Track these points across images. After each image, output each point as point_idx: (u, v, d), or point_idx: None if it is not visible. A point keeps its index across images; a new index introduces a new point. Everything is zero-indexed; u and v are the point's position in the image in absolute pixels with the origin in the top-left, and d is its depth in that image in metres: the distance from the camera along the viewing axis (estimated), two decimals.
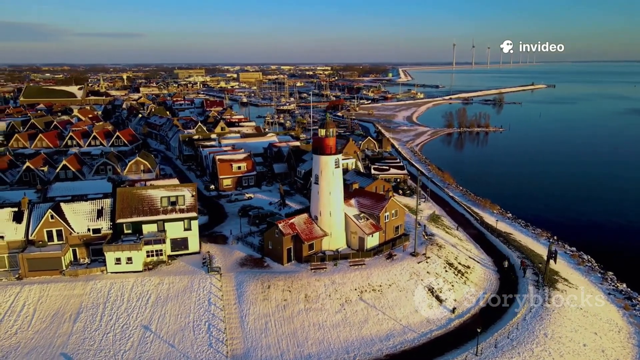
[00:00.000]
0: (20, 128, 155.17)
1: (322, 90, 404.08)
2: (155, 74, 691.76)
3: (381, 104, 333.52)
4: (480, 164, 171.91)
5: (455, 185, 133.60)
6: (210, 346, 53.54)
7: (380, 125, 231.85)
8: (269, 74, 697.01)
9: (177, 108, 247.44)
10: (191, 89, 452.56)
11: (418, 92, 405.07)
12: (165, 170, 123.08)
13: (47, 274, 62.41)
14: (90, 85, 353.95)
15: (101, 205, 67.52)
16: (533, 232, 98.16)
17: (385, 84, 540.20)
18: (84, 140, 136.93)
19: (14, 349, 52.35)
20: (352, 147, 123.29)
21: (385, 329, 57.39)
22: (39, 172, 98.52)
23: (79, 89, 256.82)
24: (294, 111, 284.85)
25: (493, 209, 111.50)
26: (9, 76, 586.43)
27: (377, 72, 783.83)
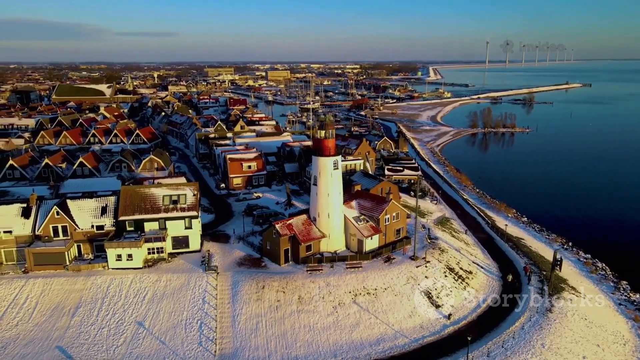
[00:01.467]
0: (49, 125, 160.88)
1: (348, 89, 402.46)
2: (186, 73, 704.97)
3: (406, 103, 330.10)
4: (502, 165, 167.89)
5: (471, 187, 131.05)
6: (199, 344, 54.23)
7: (403, 125, 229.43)
8: (297, 73, 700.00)
9: (202, 106, 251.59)
10: (219, 87, 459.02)
11: (445, 91, 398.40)
12: (180, 168, 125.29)
13: (51, 269, 64.48)
14: (121, 84, 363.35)
15: (105, 203, 69.30)
16: (547, 238, 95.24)
17: (413, 83, 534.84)
18: (105, 138, 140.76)
19: (13, 341, 54.37)
20: (365, 148, 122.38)
21: (377, 333, 56.80)
22: (57, 169, 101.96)
23: (108, 88, 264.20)
24: (318, 110, 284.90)
25: (508, 213, 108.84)
26: (48, 74, 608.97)
27: (406, 70, 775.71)
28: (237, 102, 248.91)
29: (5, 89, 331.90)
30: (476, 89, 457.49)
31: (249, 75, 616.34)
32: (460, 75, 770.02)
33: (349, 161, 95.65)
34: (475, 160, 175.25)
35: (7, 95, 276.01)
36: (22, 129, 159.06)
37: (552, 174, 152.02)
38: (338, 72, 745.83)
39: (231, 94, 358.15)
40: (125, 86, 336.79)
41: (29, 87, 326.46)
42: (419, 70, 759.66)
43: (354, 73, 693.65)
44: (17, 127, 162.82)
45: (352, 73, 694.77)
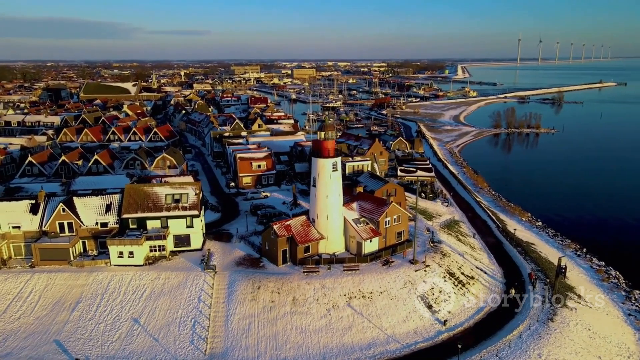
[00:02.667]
0: (73, 122, 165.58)
1: (372, 87, 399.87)
2: (214, 71, 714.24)
3: (430, 102, 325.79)
4: (522, 167, 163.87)
5: (487, 189, 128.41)
6: (191, 343, 54.93)
7: (423, 125, 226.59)
8: (323, 71, 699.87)
9: (224, 104, 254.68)
10: (244, 85, 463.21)
11: (471, 90, 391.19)
12: (194, 166, 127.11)
13: (56, 264, 66.39)
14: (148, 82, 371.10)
15: (110, 201, 70.86)
16: (560, 243, 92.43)
17: (439, 82, 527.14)
18: (125, 135, 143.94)
19: (14, 333, 56.29)
20: (377, 148, 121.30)
21: (368, 337, 56.31)
22: (73, 166, 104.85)
23: (133, 86, 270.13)
24: (339, 109, 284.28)
25: (522, 217, 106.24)
26: (81, 72, 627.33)
27: (434, 68, 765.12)
28: (258, 100, 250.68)
29: (39, 86, 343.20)
30: (503, 87, 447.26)
31: (274, 73, 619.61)
32: (490, 74, 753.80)
33: (356, 162, 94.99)
34: (495, 162, 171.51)
35: (39, 93, 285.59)
36: (48, 126, 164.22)
37: (574, 177, 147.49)
38: (364, 70, 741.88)
39: (254, 92, 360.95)
40: (150, 84, 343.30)
41: (60, 85, 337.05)
42: (446, 69, 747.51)
43: (380, 71, 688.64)
44: (43, 124, 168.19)
45: (378, 71, 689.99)
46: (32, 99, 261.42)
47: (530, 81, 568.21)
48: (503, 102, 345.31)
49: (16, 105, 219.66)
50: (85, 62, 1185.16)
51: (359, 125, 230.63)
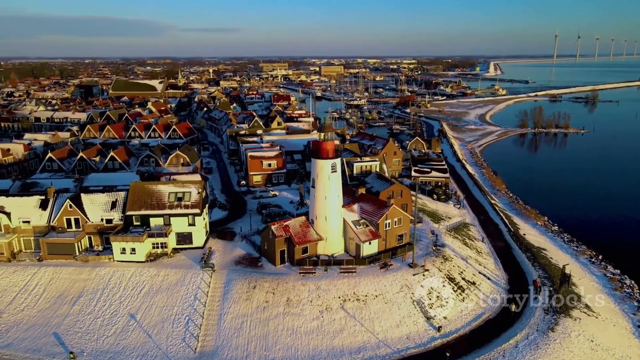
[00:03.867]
0: (98, 119, 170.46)
1: (399, 85, 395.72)
2: (244, 68, 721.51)
3: (456, 101, 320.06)
4: (546, 169, 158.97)
5: (505, 191, 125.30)
6: (183, 340, 55.73)
7: (447, 124, 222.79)
8: (351, 68, 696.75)
9: (247, 102, 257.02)
10: (271, 82, 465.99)
11: (501, 87, 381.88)
12: (210, 163, 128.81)
13: (63, 258, 68.53)
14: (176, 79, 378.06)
15: (116, 198, 72.58)
16: (574, 249, 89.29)
17: (469, 79, 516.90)
18: (145, 132, 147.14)
19: (16, 324, 58.46)
20: (392, 148, 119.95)
21: (359, 341, 55.83)
22: (91, 162, 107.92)
23: (160, 83, 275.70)
24: (363, 106, 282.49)
25: (537, 221, 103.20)
26: (115, 69, 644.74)
27: (465, 66, 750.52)
28: (281, 97, 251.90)
29: (72, 83, 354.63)
30: (535, 85, 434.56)
31: (302, 70, 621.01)
32: (523, 71, 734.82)
33: (365, 162, 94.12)
34: (518, 163, 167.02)
35: (71, 90, 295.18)
36: (75, 123, 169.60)
37: (599, 180, 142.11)
38: (393, 67, 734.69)
39: (279, 90, 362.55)
40: (177, 81, 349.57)
41: (92, 81, 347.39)
42: (477, 66, 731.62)
43: (409, 68, 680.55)
44: (70, 120, 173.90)
45: (407, 68, 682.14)
46: (65, 95, 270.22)
47: (566, 79, 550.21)
48: (533, 100, 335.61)
49: (48, 101, 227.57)
50: (121, 59, 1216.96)
51: (381, 124, 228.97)
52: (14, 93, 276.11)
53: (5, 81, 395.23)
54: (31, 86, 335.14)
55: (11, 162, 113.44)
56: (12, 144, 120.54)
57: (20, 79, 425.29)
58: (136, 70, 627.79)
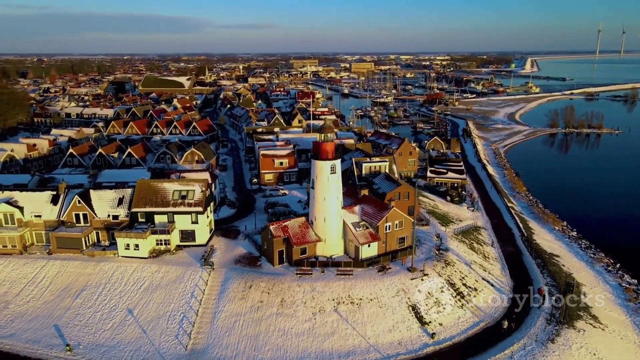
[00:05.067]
0: (124, 115, 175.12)
1: (428, 82, 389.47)
2: (275, 64, 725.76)
3: (487, 99, 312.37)
4: (572, 171, 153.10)
5: (525, 193, 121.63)
6: (176, 337, 56.67)
7: (473, 122, 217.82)
8: (383, 65, 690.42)
9: (273, 99, 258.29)
10: (300, 78, 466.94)
11: (534, 85, 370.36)
12: (226, 161, 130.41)
13: (70, 252, 70.84)
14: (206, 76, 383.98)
15: (122, 194, 74.39)
16: (590, 256, 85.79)
17: (503, 76, 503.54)
18: (167, 129, 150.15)
19: (21, 315, 60.82)
20: (407, 147, 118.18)
21: (349, 345, 55.38)
22: (109, 158, 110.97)
23: (187, 80, 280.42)
24: (389, 104, 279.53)
25: (555, 225, 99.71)
26: (149, 65, 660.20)
27: (500, 62, 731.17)
28: (306, 95, 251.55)
29: (106, 79, 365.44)
30: (572, 83, 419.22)
31: (333, 67, 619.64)
32: (562, 68, 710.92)
33: (374, 162, 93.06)
34: (543, 164, 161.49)
35: (104, 86, 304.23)
36: (102, 119, 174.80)
37: (627, 184, 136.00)
38: (426, 64, 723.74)
39: (308, 86, 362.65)
40: (204, 78, 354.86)
41: (125, 78, 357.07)
42: (512, 62, 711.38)
43: (441, 65, 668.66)
44: (98, 116, 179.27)
45: (440, 65, 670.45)
46: (98, 91, 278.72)
47: (607, 76, 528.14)
48: (569, 98, 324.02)
49: (80, 97, 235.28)
50: (158, 56, 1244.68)
51: (406, 122, 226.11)
52: (50, 89, 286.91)
53: (45, 77, 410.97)
54: (68, 82, 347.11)
55: (36, 157, 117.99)
56: (38, 139, 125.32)
57: (60, 75, 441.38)
58: (170, 67, 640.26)
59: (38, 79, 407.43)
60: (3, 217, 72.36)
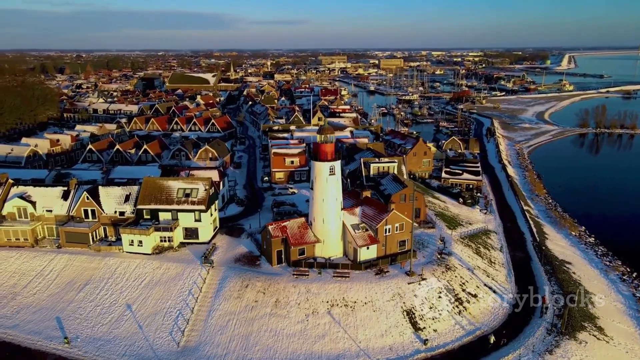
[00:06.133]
0: (148, 111, 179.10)
1: (457, 79, 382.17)
2: (305, 60, 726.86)
3: (516, 97, 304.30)
4: (599, 173, 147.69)
5: (544, 196, 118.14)
6: (170, 333, 57.64)
7: (499, 121, 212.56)
8: (413, 61, 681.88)
9: (297, 96, 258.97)
10: (328, 75, 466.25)
11: (568, 82, 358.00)
12: (242, 158, 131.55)
13: (78, 247, 72.98)
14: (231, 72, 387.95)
15: (129, 191, 76.04)
16: (606, 264, 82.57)
17: (536, 73, 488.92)
18: (186, 125, 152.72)
19: (27, 307, 63.11)
20: (422, 148, 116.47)
21: (339, 348, 55.06)
22: (126, 154, 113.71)
23: (213, 76, 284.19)
24: (414, 102, 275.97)
25: (572, 230, 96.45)
26: (181, 62, 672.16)
27: (535, 58, 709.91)
28: (329, 92, 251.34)
29: (138, 75, 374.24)
30: (609, 80, 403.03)
31: (362, 63, 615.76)
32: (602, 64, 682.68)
33: (382, 163, 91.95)
34: (569, 166, 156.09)
35: (134, 82, 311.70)
36: (127, 114, 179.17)
37: None
38: (457, 60, 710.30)
39: (334, 83, 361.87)
40: (229, 75, 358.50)
41: (154, 74, 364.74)
42: (548, 59, 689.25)
43: (473, 61, 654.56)
44: (123, 112, 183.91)
45: (472, 61, 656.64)
46: (127, 87, 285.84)
47: None
48: (604, 97, 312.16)
49: (110, 93, 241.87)
50: (191, 52, 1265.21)
51: (429, 120, 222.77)
52: (82, 85, 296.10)
53: (81, 73, 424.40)
54: (101, 78, 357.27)
55: (59, 152, 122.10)
56: (61, 135, 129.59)
57: (95, 71, 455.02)
58: (201, 63, 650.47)
59: (74, 74, 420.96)
60: (16, 211, 75.17)
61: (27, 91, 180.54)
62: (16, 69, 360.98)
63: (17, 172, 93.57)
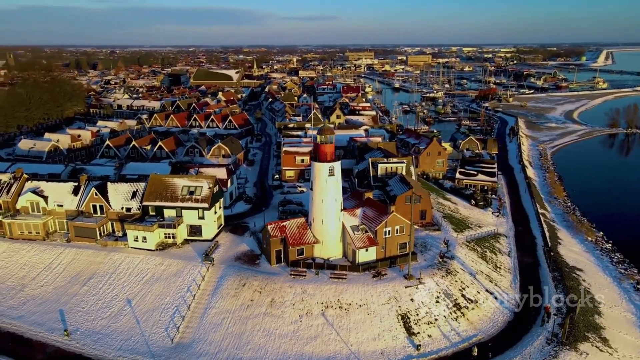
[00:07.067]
0: (169, 108, 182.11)
1: (485, 76, 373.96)
2: (332, 56, 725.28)
3: (545, 95, 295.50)
4: (627, 175, 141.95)
5: (563, 199, 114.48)
6: (165, 330, 58.64)
7: (524, 120, 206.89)
8: (443, 57, 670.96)
9: (319, 93, 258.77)
10: (353, 71, 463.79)
11: (602, 80, 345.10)
12: (256, 155, 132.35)
13: (86, 241, 75.03)
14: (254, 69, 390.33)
15: (136, 188, 77.61)
16: (621, 272, 79.41)
17: (571, 70, 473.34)
18: (205, 122, 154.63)
19: (33, 299, 65.31)
20: (436, 147, 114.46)
21: (330, 350, 54.84)
22: (142, 150, 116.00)
23: (236, 73, 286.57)
24: (439, 99, 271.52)
25: (588, 236, 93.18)
26: (210, 57, 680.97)
27: (570, 54, 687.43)
28: (351, 89, 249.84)
29: (166, 71, 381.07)
30: None
31: (389, 60, 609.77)
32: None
33: (390, 163, 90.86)
34: (594, 167, 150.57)
35: (161, 78, 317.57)
36: (150, 111, 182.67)
37: None
38: (488, 56, 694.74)
39: (357, 80, 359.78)
40: (252, 72, 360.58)
41: (181, 70, 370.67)
42: (584, 55, 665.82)
43: (504, 58, 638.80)
44: (146, 108, 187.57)
45: (503, 58, 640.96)
46: (154, 83, 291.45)
47: None
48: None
49: (136, 89, 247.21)
50: (221, 47, 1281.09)
51: (452, 119, 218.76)
52: (110, 81, 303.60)
53: (112, 69, 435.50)
54: (130, 74, 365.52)
55: (79, 148, 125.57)
56: (82, 131, 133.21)
57: (126, 67, 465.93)
58: (229, 59, 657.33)
59: (106, 70, 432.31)
60: (30, 205, 77.82)
61: (55, 87, 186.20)
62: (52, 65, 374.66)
63: (37, 167, 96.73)
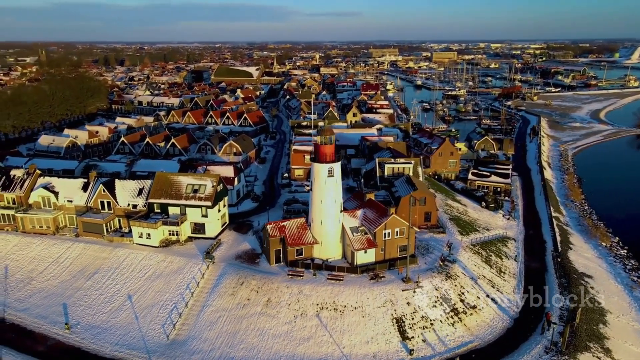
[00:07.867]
0: (188, 104, 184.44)
1: (510, 73, 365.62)
2: (356, 53, 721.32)
3: (572, 93, 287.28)
4: None
5: (580, 202, 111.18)
6: (162, 326, 59.56)
7: (548, 119, 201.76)
8: (469, 53, 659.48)
9: (338, 90, 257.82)
10: (376, 68, 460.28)
11: (634, 77, 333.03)
12: (269, 153, 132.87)
13: (94, 236, 76.76)
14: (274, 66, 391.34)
15: (143, 185, 78.89)
16: (633, 280, 76.66)
17: (602, 67, 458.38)
18: (220, 119, 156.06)
19: (39, 292, 67.27)
20: (448, 148, 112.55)
21: (322, 352, 54.74)
22: (156, 147, 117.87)
23: (256, 70, 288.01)
24: (461, 97, 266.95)
25: (603, 241, 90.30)
26: (234, 54, 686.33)
27: (602, 51, 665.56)
28: (370, 86, 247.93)
29: (189, 68, 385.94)
30: None
31: (413, 56, 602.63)
32: None
33: (397, 164, 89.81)
34: (617, 169, 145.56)
35: (184, 75, 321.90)
36: (169, 107, 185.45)
37: None
38: (516, 53, 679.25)
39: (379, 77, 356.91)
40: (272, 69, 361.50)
41: (204, 67, 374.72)
42: (617, 52, 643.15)
43: (533, 54, 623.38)
44: (165, 105, 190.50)
45: (531, 54, 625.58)
46: (176, 80, 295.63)
47: None
48: None
49: (158, 86, 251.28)
50: (247, 43, 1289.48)
51: (472, 117, 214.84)
52: (134, 77, 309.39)
53: (138, 65, 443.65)
54: (154, 71, 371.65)
55: (96, 144, 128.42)
56: (100, 127, 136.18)
57: (152, 63, 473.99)
58: (254, 55, 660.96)
59: (132, 66, 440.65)
60: (41, 200, 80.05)
61: (78, 83, 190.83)
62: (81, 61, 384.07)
63: (53, 163, 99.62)
